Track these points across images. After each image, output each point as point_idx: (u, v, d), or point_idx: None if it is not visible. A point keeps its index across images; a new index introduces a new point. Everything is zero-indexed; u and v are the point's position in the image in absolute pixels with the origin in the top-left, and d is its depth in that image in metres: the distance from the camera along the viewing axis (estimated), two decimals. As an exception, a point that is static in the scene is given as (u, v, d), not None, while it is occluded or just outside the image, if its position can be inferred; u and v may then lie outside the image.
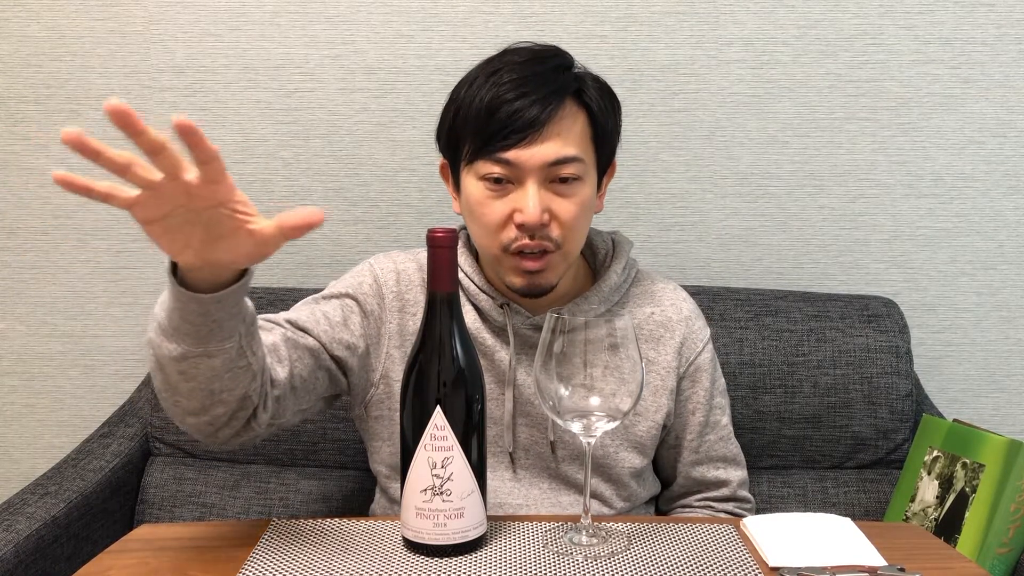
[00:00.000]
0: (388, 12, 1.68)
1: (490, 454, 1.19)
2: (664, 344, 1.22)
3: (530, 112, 1.06)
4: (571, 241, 1.12)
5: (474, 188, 1.12)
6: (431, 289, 0.95)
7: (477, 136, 1.09)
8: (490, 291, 1.18)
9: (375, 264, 1.22)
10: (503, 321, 1.18)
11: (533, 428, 1.19)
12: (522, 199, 1.08)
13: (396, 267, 1.22)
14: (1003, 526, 1.22)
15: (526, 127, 1.06)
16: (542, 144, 1.07)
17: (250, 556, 0.95)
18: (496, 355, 1.19)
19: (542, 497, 1.20)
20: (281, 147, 1.72)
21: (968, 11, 1.66)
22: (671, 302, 1.25)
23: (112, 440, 1.56)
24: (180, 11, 1.68)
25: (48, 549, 1.30)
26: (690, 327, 1.24)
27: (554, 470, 1.20)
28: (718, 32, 1.67)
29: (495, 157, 1.08)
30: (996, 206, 1.72)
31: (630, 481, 1.23)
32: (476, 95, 1.10)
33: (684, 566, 0.94)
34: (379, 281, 1.20)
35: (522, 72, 1.09)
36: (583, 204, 1.12)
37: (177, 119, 0.79)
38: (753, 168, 1.71)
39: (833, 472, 1.56)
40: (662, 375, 1.22)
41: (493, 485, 1.18)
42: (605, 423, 0.95)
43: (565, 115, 1.09)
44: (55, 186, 0.82)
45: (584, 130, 1.12)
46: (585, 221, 1.14)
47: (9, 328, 1.77)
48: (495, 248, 1.12)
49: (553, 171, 1.09)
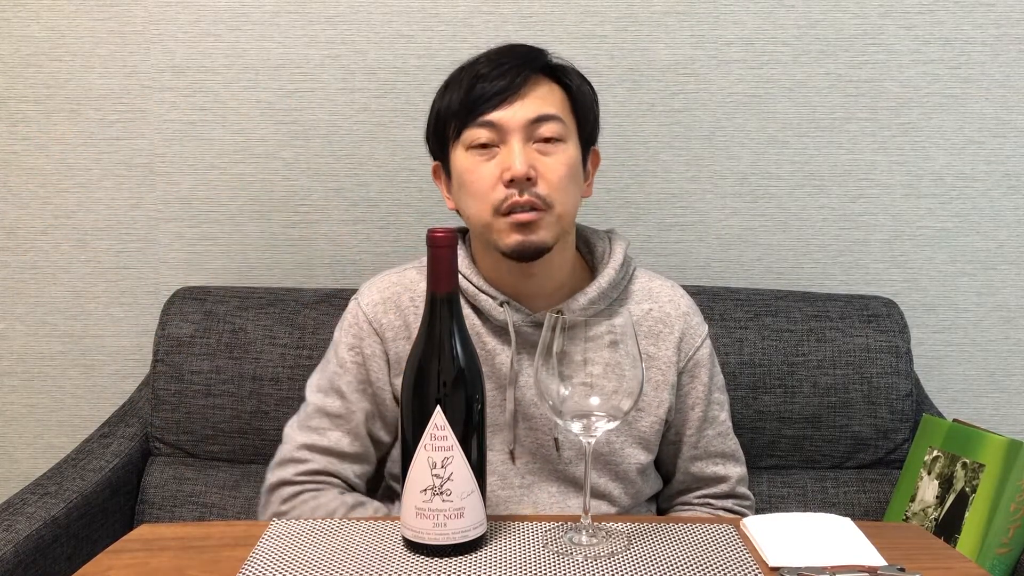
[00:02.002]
0: (388, 12, 1.68)
1: (498, 462, 1.20)
2: (663, 339, 1.23)
3: (506, 78, 1.13)
4: (560, 202, 1.14)
5: (463, 159, 1.16)
6: (431, 289, 0.96)
7: (460, 111, 1.15)
8: (489, 290, 1.19)
9: (361, 300, 1.24)
10: (503, 320, 1.18)
11: (537, 431, 1.20)
12: (508, 156, 1.13)
13: (382, 295, 1.23)
14: (1003, 526, 1.22)
15: (504, 90, 1.13)
16: (522, 103, 1.13)
17: (250, 556, 0.95)
18: (496, 359, 1.19)
19: (551, 502, 1.20)
20: (281, 147, 1.72)
21: (968, 11, 1.66)
22: (668, 298, 1.26)
23: (112, 440, 1.56)
24: (180, 11, 1.68)
25: (48, 549, 1.30)
26: (688, 322, 1.25)
27: (561, 472, 1.21)
28: (718, 32, 1.67)
29: (479, 121, 1.13)
30: (996, 206, 1.72)
31: (636, 478, 1.23)
32: (455, 83, 1.17)
33: (684, 566, 0.94)
34: (368, 318, 1.22)
35: (498, 56, 1.17)
36: (568, 164, 1.15)
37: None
38: (753, 168, 1.71)
39: (833, 472, 1.56)
40: (663, 370, 1.23)
41: (503, 495, 1.19)
42: (605, 423, 0.95)
43: (541, 84, 1.16)
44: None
45: (562, 99, 1.17)
46: (572, 184, 1.16)
47: (9, 328, 1.77)
48: (487, 212, 1.14)
49: (535, 129, 1.14)
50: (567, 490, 1.21)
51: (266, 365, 1.54)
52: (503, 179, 1.12)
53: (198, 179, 1.72)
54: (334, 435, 1.20)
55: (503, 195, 1.12)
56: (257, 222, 1.73)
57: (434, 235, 0.94)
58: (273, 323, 1.56)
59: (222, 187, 1.73)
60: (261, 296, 1.60)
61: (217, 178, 1.72)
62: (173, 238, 1.74)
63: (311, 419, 1.21)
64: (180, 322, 1.58)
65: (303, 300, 1.59)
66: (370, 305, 1.23)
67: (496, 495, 1.19)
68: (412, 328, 1.21)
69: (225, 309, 1.58)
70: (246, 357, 1.55)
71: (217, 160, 1.72)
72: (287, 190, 1.72)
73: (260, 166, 1.72)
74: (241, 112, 1.70)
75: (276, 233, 1.74)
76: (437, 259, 0.95)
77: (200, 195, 1.73)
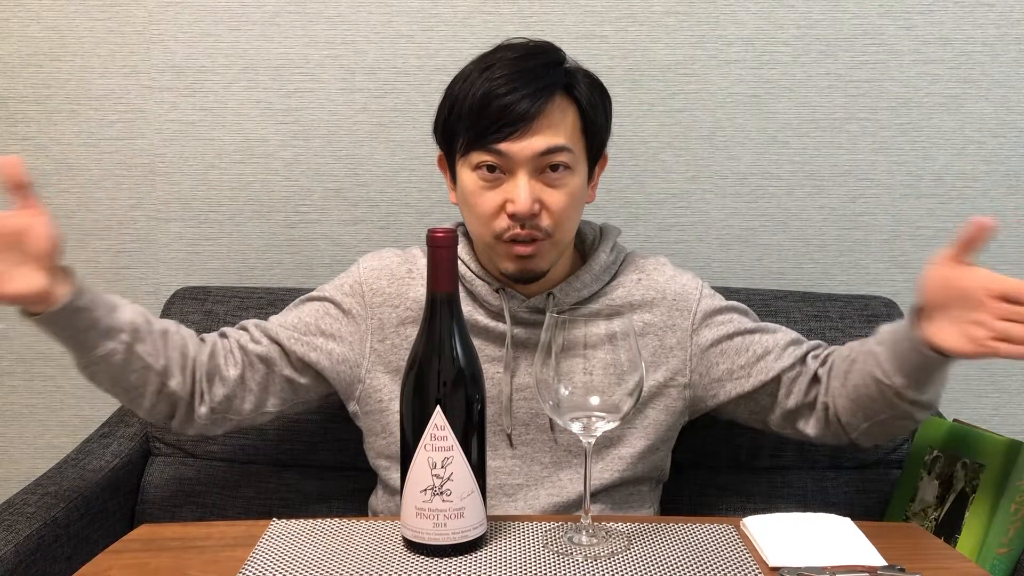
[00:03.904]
0: (388, 12, 1.68)
1: (490, 433, 1.20)
2: (657, 305, 1.25)
3: (521, 106, 1.11)
4: (561, 230, 1.16)
5: (469, 178, 1.16)
6: (431, 289, 0.96)
7: (471, 129, 1.14)
8: (486, 277, 1.22)
9: (361, 263, 1.30)
10: (499, 305, 1.21)
11: (532, 400, 1.21)
12: (513, 190, 1.13)
13: (381, 263, 1.28)
14: (1003, 526, 1.22)
15: (517, 120, 1.11)
16: (532, 136, 1.12)
17: (250, 556, 0.95)
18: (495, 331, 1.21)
19: (543, 474, 1.21)
20: (281, 147, 1.72)
21: (968, 11, 1.66)
22: (654, 267, 1.28)
23: (112, 440, 1.56)
24: (180, 11, 1.68)
25: (48, 549, 1.30)
26: (678, 282, 1.26)
27: (554, 442, 1.21)
28: (718, 32, 1.67)
29: (488, 148, 1.13)
30: (996, 206, 1.72)
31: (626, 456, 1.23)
32: (470, 90, 1.14)
33: (684, 566, 0.94)
34: (360, 279, 1.27)
35: (514, 67, 1.14)
36: (573, 195, 1.16)
37: None
38: (753, 168, 1.71)
39: (833, 472, 1.56)
40: (659, 335, 1.24)
41: (493, 465, 1.20)
42: (605, 423, 0.95)
43: (555, 108, 1.14)
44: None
45: (574, 122, 1.16)
46: (575, 211, 1.18)
47: (9, 328, 1.77)
48: (488, 236, 1.17)
49: (543, 161, 1.13)
50: (560, 460, 1.22)
51: (266, 365, 1.54)
52: (507, 210, 1.13)
53: (198, 179, 1.72)
54: (260, 326, 1.27)
55: (505, 224, 1.14)
56: (257, 222, 1.73)
57: (434, 235, 0.94)
58: (273, 323, 1.56)
59: (222, 187, 1.73)
60: (261, 296, 1.60)
61: (217, 178, 1.72)
62: (173, 238, 1.74)
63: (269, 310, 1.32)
64: (180, 322, 1.57)
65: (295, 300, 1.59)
66: (368, 269, 1.28)
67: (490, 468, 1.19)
68: (404, 297, 1.25)
69: (225, 309, 1.58)
70: (246, 357, 1.54)
71: (217, 160, 1.72)
72: (287, 190, 1.72)
73: (260, 166, 1.72)
74: (241, 112, 1.70)
75: (276, 233, 1.74)
76: (437, 259, 0.95)
77: (200, 195, 1.73)
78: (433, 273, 0.95)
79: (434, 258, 0.95)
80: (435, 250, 0.94)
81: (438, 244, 0.94)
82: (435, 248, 0.94)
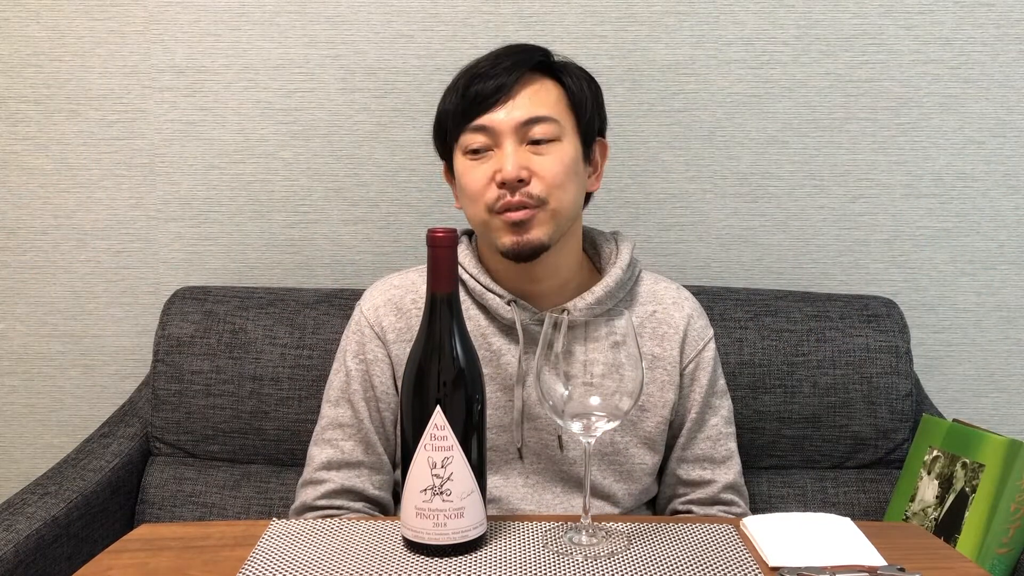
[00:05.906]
0: (388, 12, 1.68)
1: (502, 461, 1.20)
2: (668, 340, 1.24)
3: (500, 79, 1.14)
4: (556, 198, 1.14)
5: (461, 163, 1.18)
6: (431, 290, 0.96)
7: (456, 114, 1.16)
8: (496, 289, 1.21)
9: (361, 306, 1.26)
10: (510, 318, 1.19)
11: (541, 431, 1.20)
12: (500, 158, 1.14)
13: (384, 297, 1.25)
14: (1003, 526, 1.22)
15: (497, 91, 1.14)
16: (514, 108, 1.14)
17: (250, 556, 0.95)
18: (503, 358, 1.20)
19: (555, 502, 1.21)
20: (281, 147, 1.72)
21: (968, 11, 1.66)
22: (673, 300, 1.26)
23: (112, 440, 1.56)
24: (180, 11, 1.68)
25: (48, 549, 1.30)
26: (692, 324, 1.26)
27: (566, 472, 1.21)
28: (718, 32, 1.67)
29: (473, 126, 1.15)
30: (996, 206, 1.72)
31: (643, 477, 1.24)
32: (456, 83, 1.18)
33: (684, 566, 0.94)
34: (367, 323, 1.24)
35: (495, 54, 1.18)
36: (564, 162, 1.15)
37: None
38: (753, 168, 1.71)
39: (833, 472, 1.56)
40: (667, 370, 1.23)
41: (505, 493, 1.20)
42: (605, 423, 0.95)
43: (537, 84, 1.16)
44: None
45: (559, 97, 1.18)
46: (569, 181, 1.16)
47: (9, 328, 1.77)
48: (482, 212, 1.16)
49: (527, 131, 1.14)
50: (571, 490, 1.21)
51: (266, 365, 1.54)
52: (496, 180, 1.13)
53: (198, 179, 1.72)
54: (347, 445, 1.21)
55: (496, 195, 1.14)
56: (257, 222, 1.74)
57: (434, 235, 0.94)
58: (273, 323, 1.56)
59: (222, 187, 1.73)
60: (261, 296, 1.60)
61: (217, 178, 1.72)
62: (173, 238, 1.74)
63: (325, 432, 1.23)
64: (180, 322, 1.58)
65: (303, 300, 1.59)
66: (371, 309, 1.24)
67: (501, 495, 1.20)
68: (415, 330, 1.21)
69: (225, 309, 1.58)
70: (246, 357, 1.55)
71: (217, 160, 1.72)
72: (287, 190, 1.72)
73: (260, 166, 1.72)
74: (241, 112, 1.70)
75: (276, 233, 1.74)
76: (437, 259, 0.95)
77: (200, 195, 1.73)
78: (433, 273, 0.95)
79: (434, 258, 0.95)
80: (435, 250, 0.94)
81: (438, 244, 0.94)
82: (435, 248, 0.94)
